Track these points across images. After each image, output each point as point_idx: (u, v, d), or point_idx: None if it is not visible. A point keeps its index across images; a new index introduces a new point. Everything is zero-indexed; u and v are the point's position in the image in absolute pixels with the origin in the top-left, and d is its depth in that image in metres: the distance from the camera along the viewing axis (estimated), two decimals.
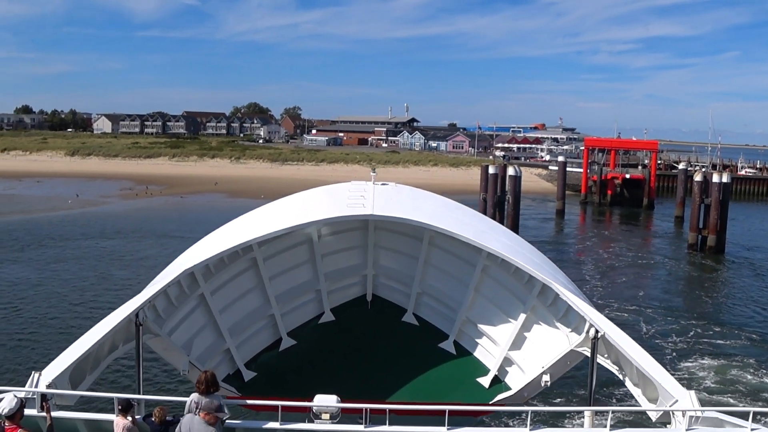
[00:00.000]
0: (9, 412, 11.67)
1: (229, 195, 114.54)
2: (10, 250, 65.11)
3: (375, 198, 20.94)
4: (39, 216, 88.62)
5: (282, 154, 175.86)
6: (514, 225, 67.20)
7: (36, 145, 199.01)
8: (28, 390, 13.46)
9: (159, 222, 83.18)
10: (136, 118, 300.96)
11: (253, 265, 21.90)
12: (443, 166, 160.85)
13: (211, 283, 20.47)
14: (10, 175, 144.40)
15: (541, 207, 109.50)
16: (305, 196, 23.89)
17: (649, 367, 15.38)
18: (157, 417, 13.63)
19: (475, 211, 24.07)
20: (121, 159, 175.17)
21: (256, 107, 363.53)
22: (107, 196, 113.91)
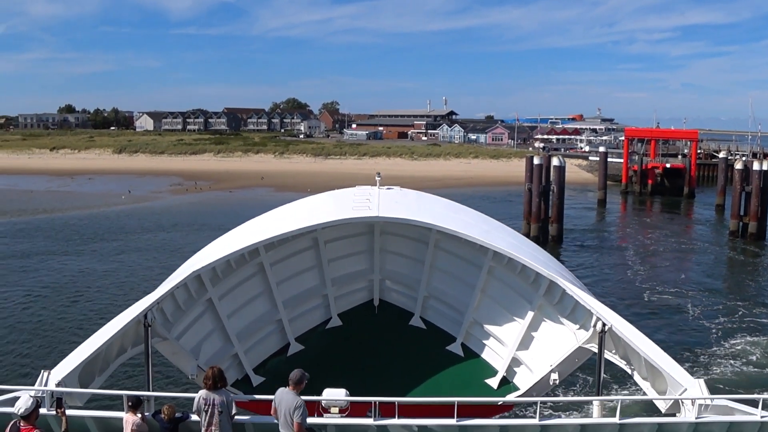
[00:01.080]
0: (25, 411, 11.69)
1: (276, 189, 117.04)
2: (75, 243, 68.26)
3: (380, 201, 21.41)
4: (96, 211, 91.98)
5: (325, 149, 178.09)
6: (558, 214, 68.92)
7: (84, 143, 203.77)
8: (37, 389, 13.67)
9: (211, 215, 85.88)
10: (178, 116, 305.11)
11: (260, 270, 22.14)
12: (484, 158, 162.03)
13: (219, 287, 20.75)
14: (62, 173, 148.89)
15: (582, 197, 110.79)
16: (311, 200, 24.68)
17: (657, 358, 15.49)
18: (166, 414, 13.79)
19: (480, 213, 24.45)
20: (167, 156, 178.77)
21: (294, 102, 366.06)
22: (158, 192, 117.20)
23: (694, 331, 41.52)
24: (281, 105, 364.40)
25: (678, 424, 14.20)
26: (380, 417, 14.09)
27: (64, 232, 74.69)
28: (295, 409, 13.06)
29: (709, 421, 13.97)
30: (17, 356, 36.25)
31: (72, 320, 42.15)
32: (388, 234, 24.11)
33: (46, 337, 39.05)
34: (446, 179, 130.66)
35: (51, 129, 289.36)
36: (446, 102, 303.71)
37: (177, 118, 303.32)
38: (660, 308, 46.54)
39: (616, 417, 14.03)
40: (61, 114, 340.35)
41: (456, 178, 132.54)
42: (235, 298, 21.49)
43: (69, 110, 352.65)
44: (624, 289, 51.80)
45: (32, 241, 69.75)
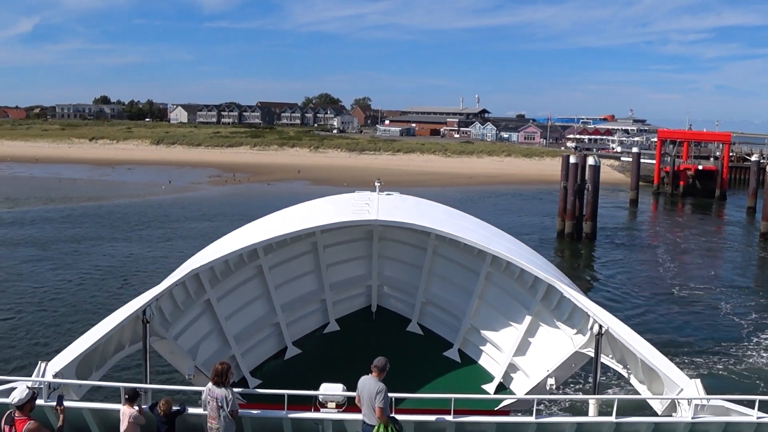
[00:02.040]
0: (19, 402, 11.57)
1: (312, 182, 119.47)
2: (123, 230, 70.90)
3: (380, 205, 21.59)
4: (139, 200, 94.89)
5: (359, 144, 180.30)
6: (592, 212, 70.44)
7: (122, 134, 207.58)
8: (35, 380, 13.67)
9: (252, 206, 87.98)
10: (213, 109, 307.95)
11: (258, 273, 22.12)
12: (516, 156, 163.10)
13: (218, 289, 20.75)
14: (102, 163, 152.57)
15: (613, 197, 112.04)
16: (311, 204, 24.78)
17: (653, 359, 15.53)
18: (162, 410, 13.75)
19: (479, 219, 24.52)
20: (204, 148, 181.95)
21: (327, 98, 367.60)
22: (198, 183, 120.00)
23: (723, 326, 42.88)
24: (313, 100, 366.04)
25: (674, 424, 14.36)
26: None
27: (110, 219, 77.52)
28: (377, 394, 13.15)
29: (705, 421, 14.09)
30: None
31: (126, 301, 44.31)
32: (386, 240, 24.10)
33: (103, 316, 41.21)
34: (479, 176, 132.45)
35: (88, 119, 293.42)
36: (479, 100, 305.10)
37: (212, 111, 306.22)
38: (689, 303, 48.02)
39: (613, 416, 14.20)
40: (96, 105, 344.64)
41: (489, 176, 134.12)
42: (233, 300, 21.50)
43: (104, 101, 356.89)
44: (654, 285, 53.28)
45: (81, 226, 72.61)
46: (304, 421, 14.40)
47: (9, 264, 53.60)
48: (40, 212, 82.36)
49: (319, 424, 14.41)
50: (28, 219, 76.88)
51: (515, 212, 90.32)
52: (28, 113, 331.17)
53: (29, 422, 11.55)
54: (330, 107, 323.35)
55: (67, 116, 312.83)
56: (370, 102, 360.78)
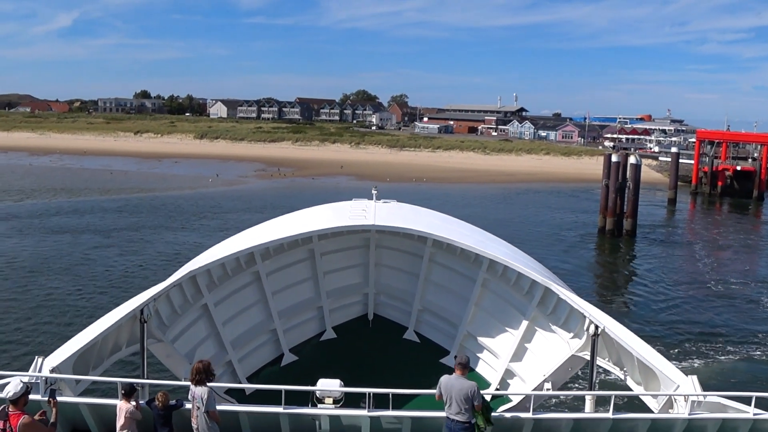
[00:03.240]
0: (13, 396, 11.32)
1: (356, 177, 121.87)
2: (179, 220, 74.00)
3: (377, 212, 21.89)
4: (190, 192, 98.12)
5: (399, 141, 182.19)
6: (633, 210, 72.40)
7: (166, 128, 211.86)
8: (31, 375, 13.77)
9: (300, 200, 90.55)
10: (253, 104, 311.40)
11: (256, 279, 22.22)
12: (555, 155, 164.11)
13: (215, 294, 20.86)
14: (149, 156, 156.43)
15: (651, 196, 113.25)
16: (309, 211, 24.90)
17: (649, 357, 15.65)
18: (160, 401, 13.69)
19: (474, 226, 24.50)
20: (247, 143, 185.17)
21: (364, 94, 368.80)
22: (245, 177, 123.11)
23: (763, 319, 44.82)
24: (351, 96, 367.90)
25: (671, 420, 14.42)
26: (374, 408, 14.16)
27: (166, 210, 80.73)
28: (475, 391, 13.34)
29: (702, 417, 14.16)
30: None
31: None
32: (383, 248, 24.29)
33: None
34: (518, 174, 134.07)
35: (130, 113, 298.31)
36: (516, 98, 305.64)
37: (252, 106, 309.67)
38: (726, 296, 49.83)
39: (610, 412, 14.24)
40: (137, 99, 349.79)
41: (528, 173, 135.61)
42: (230, 306, 21.55)
43: (144, 95, 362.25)
44: (692, 279, 55.15)
45: (138, 216, 75.80)
46: (301, 416, 14.39)
47: (78, 250, 56.70)
48: (97, 202, 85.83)
49: (316, 419, 14.41)
50: (87, 208, 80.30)
51: (555, 209, 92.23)
52: (70, 107, 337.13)
53: (23, 417, 11.26)
54: (368, 104, 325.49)
55: (109, 110, 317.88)
56: (406, 99, 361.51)
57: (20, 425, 11.14)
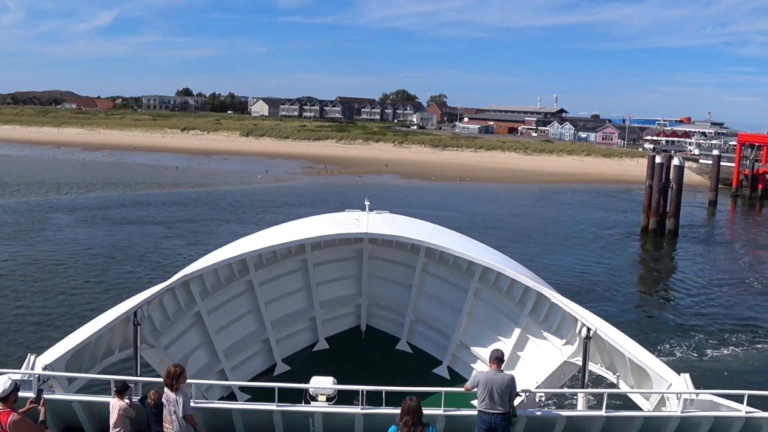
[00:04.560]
0: (2, 393, 11.21)
1: (401, 176, 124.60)
2: (235, 213, 77.24)
3: (369, 221, 22.19)
4: (242, 187, 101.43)
5: (442, 140, 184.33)
6: (676, 210, 74.32)
7: (211, 125, 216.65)
8: (24, 372, 13.74)
9: (349, 197, 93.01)
10: (295, 102, 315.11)
11: (249, 289, 22.26)
12: (596, 156, 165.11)
13: (208, 302, 20.85)
14: (197, 152, 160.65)
15: (692, 197, 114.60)
16: (302, 221, 25.42)
17: (641, 357, 15.73)
18: (152, 399, 13.61)
19: (466, 236, 24.75)
20: (292, 140, 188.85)
21: (404, 94, 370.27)
22: (293, 173, 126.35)
23: None
24: (390, 96, 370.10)
25: (664, 419, 14.45)
26: (367, 406, 14.23)
27: (221, 203, 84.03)
28: (514, 383, 13.88)
29: (694, 415, 14.21)
30: None
31: None
32: (376, 259, 24.38)
33: None
34: (560, 175, 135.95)
35: (174, 111, 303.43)
36: (556, 99, 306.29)
37: (294, 105, 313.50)
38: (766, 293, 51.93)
39: (603, 410, 14.27)
40: (180, 96, 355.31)
41: (569, 174, 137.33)
42: (223, 315, 21.60)
43: (186, 93, 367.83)
44: (733, 276, 56.95)
45: (197, 209, 79.22)
46: (294, 414, 14.39)
47: (147, 239, 60.02)
48: (154, 196, 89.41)
49: (309, 416, 14.41)
50: (146, 201, 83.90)
51: (597, 209, 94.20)
52: (113, 104, 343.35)
53: (13, 414, 11.17)
54: (408, 104, 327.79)
55: (153, 107, 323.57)
56: (445, 99, 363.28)
57: (10, 423, 11.08)
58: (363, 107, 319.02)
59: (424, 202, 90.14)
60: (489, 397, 13.54)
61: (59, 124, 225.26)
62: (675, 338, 38.18)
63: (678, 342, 37.58)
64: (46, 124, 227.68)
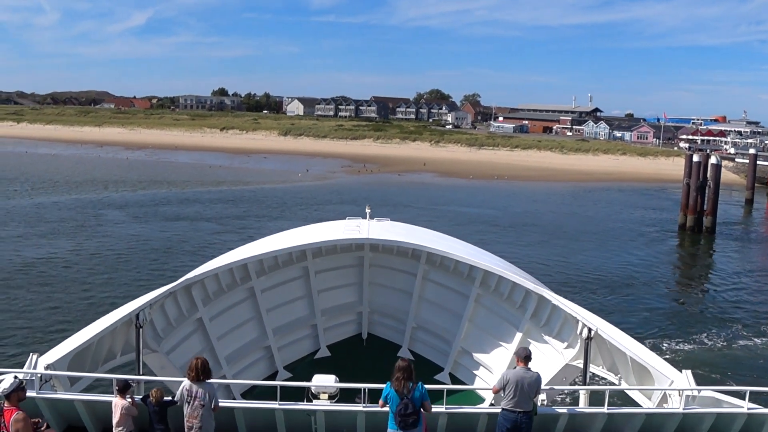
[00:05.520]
0: (3, 392, 11.41)
1: (439, 174, 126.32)
2: (280, 210, 79.38)
3: (370, 228, 22.25)
4: (284, 185, 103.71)
5: (478, 140, 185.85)
6: (713, 208, 75.48)
7: (250, 125, 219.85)
8: (26, 371, 13.71)
9: (390, 194, 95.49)
10: (330, 102, 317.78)
11: (251, 296, 22.34)
12: (631, 155, 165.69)
13: (210, 308, 20.91)
14: (238, 151, 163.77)
15: (728, 196, 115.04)
16: (303, 228, 25.53)
17: (643, 355, 15.77)
18: (154, 398, 13.70)
19: (467, 243, 24.87)
20: (330, 140, 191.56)
21: (438, 93, 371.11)
22: (333, 172, 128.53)
23: None
24: (425, 95, 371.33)
25: (666, 415, 14.47)
26: (369, 404, 14.18)
27: (267, 201, 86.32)
28: (540, 382, 13.97)
29: (696, 412, 14.23)
30: None
31: None
32: (377, 266, 24.38)
33: None
34: (596, 173, 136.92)
35: (211, 110, 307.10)
36: (591, 99, 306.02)
37: (329, 104, 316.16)
38: None
39: (605, 407, 14.27)
40: (216, 96, 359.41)
41: (604, 173, 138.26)
42: (225, 321, 21.58)
43: (222, 93, 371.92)
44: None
45: (243, 206, 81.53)
46: (296, 412, 14.38)
47: (200, 235, 62.28)
48: (200, 193, 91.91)
49: (311, 415, 14.39)
50: (193, 198, 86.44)
51: (634, 207, 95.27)
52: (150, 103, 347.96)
53: (16, 413, 11.31)
54: (443, 103, 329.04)
55: (190, 107, 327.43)
56: (479, 98, 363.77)
57: (13, 420, 11.21)
58: (398, 107, 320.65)
59: (463, 200, 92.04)
60: (518, 395, 13.62)
61: (100, 124, 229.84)
62: (714, 329, 39.54)
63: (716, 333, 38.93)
64: (87, 123, 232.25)
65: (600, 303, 43.23)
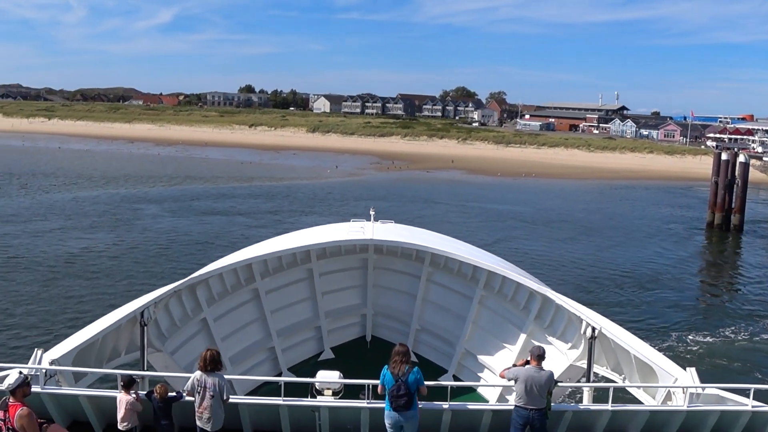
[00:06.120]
0: (9, 387, 11.45)
1: (467, 172, 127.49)
2: (313, 206, 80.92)
3: (374, 229, 22.25)
4: (315, 182, 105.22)
5: (505, 137, 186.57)
6: (741, 206, 76.16)
7: (278, 122, 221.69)
8: (30, 366, 13.70)
9: (420, 190, 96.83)
10: (357, 99, 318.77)
11: (255, 297, 22.29)
12: (658, 153, 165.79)
13: (215, 309, 20.92)
14: (267, 148, 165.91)
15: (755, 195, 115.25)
16: (307, 231, 25.47)
17: (647, 353, 15.78)
18: (159, 394, 13.72)
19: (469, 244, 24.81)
20: (358, 137, 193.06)
21: (464, 91, 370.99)
22: (362, 168, 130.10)
23: None
24: (450, 93, 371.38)
25: (670, 412, 14.49)
26: (373, 400, 14.19)
27: (299, 196, 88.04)
28: (552, 381, 13.91)
29: (700, 409, 14.22)
30: None
31: None
32: (381, 269, 24.38)
33: None
34: (623, 171, 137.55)
35: (239, 107, 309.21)
36: (618, 96, 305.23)
37: (356, 101, 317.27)
38: None
39: (608, 404, 14.27)
40: (243, 93, 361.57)
41: (631, 171, 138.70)
42: (229, 322, 21.61)
43: (249, 90, 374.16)
44: None
45: (275, 201, 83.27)
46: (300, 407, 14.43)
47: (237, 229, 63.95)
48: (234, 189, 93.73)
49: (315, 411, 14.40)
50: (227, 194, 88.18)
51: (661, 205, 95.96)
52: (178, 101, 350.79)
53: (21, 408, 11.31)
54: (469, 100, 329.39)
55: (218, 104, 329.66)
56: (505, 96, 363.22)
57: (17, 416, 11.20)
58: (424, 104, 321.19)
59: (492, 196, 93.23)
60: (528, 393, 13.68)
61: (130, 120, 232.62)
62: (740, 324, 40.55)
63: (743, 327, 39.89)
64: (117, 120, 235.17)
65: (628, 298, 44.53)
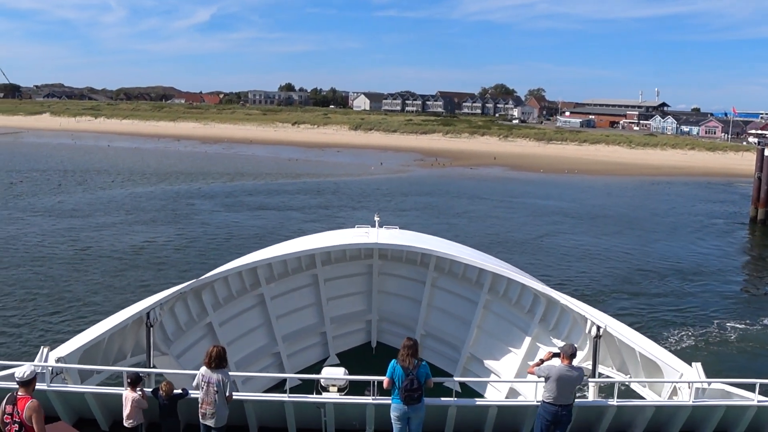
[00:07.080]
0: (23, 378, 11.42)
1: (510, 168, 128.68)
2: (361, 201, 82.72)
3: (379, 234, 22.29)
4: (361, 178, 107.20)
5: (546, 134, 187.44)
6: None
7: (321, 119, 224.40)
8: (37, 364, 13.71)
9: (465, 187, 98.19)
10: (397, 97, 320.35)
11: (260, 302, 22.47)
12: (700, 149, 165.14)
13: (220, 314, 21.09)
14: (311, 145, 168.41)
15: None
16: (311, 236, 25.77)
17: (652, 350, 15.88)
18: (164, 391, 13.85)
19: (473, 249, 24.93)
20: (400, 134, 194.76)
21: (503, 88, 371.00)
22: (407, 165, 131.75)
23: None
24: (489, 90, 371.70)
25: (675, 407, 14.56)
26: (378, 397, 14.26)
27: (347, 192, 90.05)
28: (582, 378, 14.12)
29: (706, 404, 14.27)
30: None
31: None
32: (385, 275, 24.49)
33: None
34: (664, 168, 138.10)
35: (280, 105, 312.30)
36: (658, 93, 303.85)
37: (396, 99, 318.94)
38: None
39: (614, 399, 14.37)
40: (283, 92, 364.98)
41: (673, 167, 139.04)
42: (235, 327, 21.70)
43: (289, 88, 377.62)
44: None
45: (324, 197, 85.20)
46: (305, 404, 14.49)
47: (290, 224, 65.89)
48: (282, 185, 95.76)
49: (321, 407, 14.40)
50: (276, 190, 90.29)
51: (703, 200, 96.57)
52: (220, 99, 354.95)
53: (31, 401, 11.32)
54: (508, 98, 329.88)
55: (259, 102, 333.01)
56: (544, 93, 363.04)
57: (27, 407, 11.23)
58: (464, 101, 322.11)
59: (536, 192, 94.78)
60: (559, 391, 13.78)
61: (174, 119, 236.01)
62: None
63: None
64: (162, 118, 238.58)
65: (672, 290, 45.94)
